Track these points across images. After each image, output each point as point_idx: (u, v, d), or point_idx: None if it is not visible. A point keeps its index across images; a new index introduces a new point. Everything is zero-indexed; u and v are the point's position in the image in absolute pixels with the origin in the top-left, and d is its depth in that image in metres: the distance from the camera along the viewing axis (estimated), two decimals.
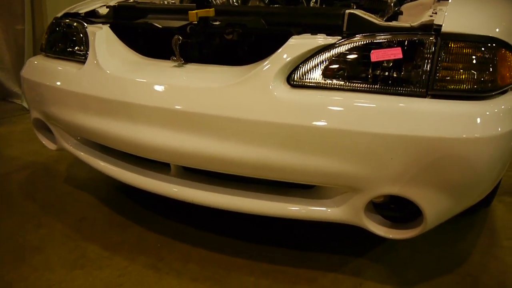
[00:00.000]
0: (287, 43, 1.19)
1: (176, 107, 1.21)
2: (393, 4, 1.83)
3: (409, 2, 2.07)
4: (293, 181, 1.20)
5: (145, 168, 1.46)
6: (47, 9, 3.32)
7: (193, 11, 1.34)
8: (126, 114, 1.31)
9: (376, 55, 1.13)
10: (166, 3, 1.98)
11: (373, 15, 1.31)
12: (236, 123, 1.15)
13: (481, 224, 1.73)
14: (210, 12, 1.37)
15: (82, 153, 1.63)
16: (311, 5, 1.90)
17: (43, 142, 1.82)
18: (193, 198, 1.34)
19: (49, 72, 1.60)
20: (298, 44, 1.18)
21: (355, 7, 1.99)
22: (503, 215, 1.82)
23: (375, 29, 1.22)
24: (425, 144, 1.06)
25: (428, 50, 1.12)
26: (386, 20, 1.84)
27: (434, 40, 1.12)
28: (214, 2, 1.79)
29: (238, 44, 1.43)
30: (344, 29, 1.28)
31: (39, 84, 1.59)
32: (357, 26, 1.26)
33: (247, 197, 1.29)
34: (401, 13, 1.76)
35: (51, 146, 1.80)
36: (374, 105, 1.10)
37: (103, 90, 1.36)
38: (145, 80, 1.30)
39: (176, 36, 1.33)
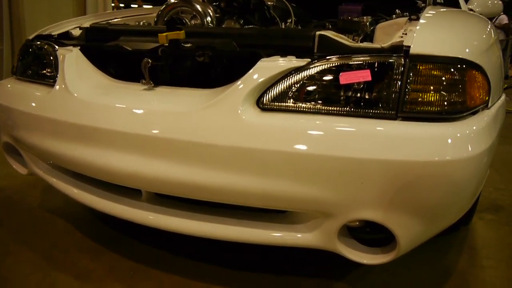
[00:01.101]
0: (256, 65, 1.17)
1: (145, 132, 1.18)
2: (369, 24, 1.84)
3: (384, 21, 2.10)
4: (264, 207, 1.17)
5: (116, 193, 1.41)
6: (26, 30, 3.29)
7: (163, 34, 1.32)
8: (94, 140, 1.27)
9: (345, 78, 1.12)
10: (140, 25, 1.96)
11: (344, 37, 1.31)
12: (205, 148, 1.12)
13: (461, 243, 1.71)
14: (180, 34, 1.35)
15: (53, 179, 1.58)
16: (286, 25, 1.91)
17: (14, 166, 1.77)
18: (166, 225, 1.30)
19: (18, 96, 1.56)
20: (267, 67, 1.16)
21: (330, 27, 2.01)
22: (484, 233, 1.80)
23: (345, 50, 1.21)
24: (396, 167, 1.04)
25: (397, 72, 1.11)
26: (361, 40, 1.85)
27: (402, 62, 1.11)
28: (187, 23, 1.77)
29: (208, 67, 1.41)
30: (315, 50, 1.28)
31: (8, 107, 1.55)
32: (328, 47, 1.25)
33: (218, 222, 1.25)
34: (374, 33, 1.77)
35: (22, 170, 1.75)
36: (344, 128, 1.08)
37: (70, 115, 1.32)
38: (113, 105, 1.27)
39: (145, 59, 1.31)
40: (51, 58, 1.55)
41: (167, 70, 1.39)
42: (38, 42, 1.66)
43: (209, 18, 1.78)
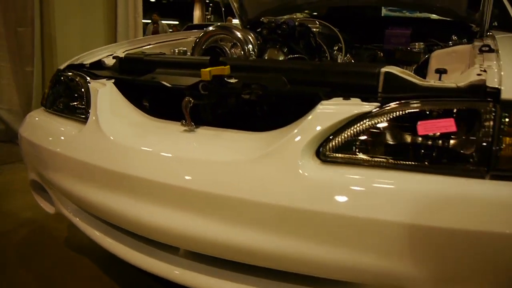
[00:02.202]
0: (316, 110, 1.01)
1: (186, 184, 1.04)
2: (422, 52, 1.67)
3: (439, 48, 1.92)
4: (326, 277, 1.00)
5: (151, 245, 1.27)
6: (57, 51, 3.25)
7: (206, 70, 1.18)
8: (128, 188, 1.13)
9: (424, 128, 0.95)
10: (176, 52, 1.85)
11: (410, 73, 1.14)
12: (257, 207, 0.96)
13: None
14: (225, 70, 1.21)
15: (82, 223, 1.45)
16: (334, 53, 1.75)
17: (41, 205, 1.65)
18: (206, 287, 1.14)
19: (47, 132, 1.45)
20: (329, 112, 1.01)
21: (381, 54, 1.84)
22: None
23: (415, 90, 1.05)
24: (487, 240, 0.85)
25: (486, 121, 0.93)
26: (414, 71, 1.68)
27: (493, 109, 0.93)
28: (228, 52, 1.64)
29: (256, 106, 1.26)
30: (380, 90, 1.12)
31: (35, 144, 1.44)
32: (395, 87, 1.09)
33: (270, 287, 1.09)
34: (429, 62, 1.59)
35: (49, 209, 1.63)
36: (423, 189, 0.90)
37: (102, 159, 1.19)
38: (150, 150, 1.14)
39: (186, 99, 1.17)
40: (83, 91, 1.44)
41: (209, 109, 1.24)
42: (70, 73, 1.56)
43: (250, 46, 1.65)
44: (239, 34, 1.66)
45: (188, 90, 1.20)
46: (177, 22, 20.73)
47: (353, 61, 1.70)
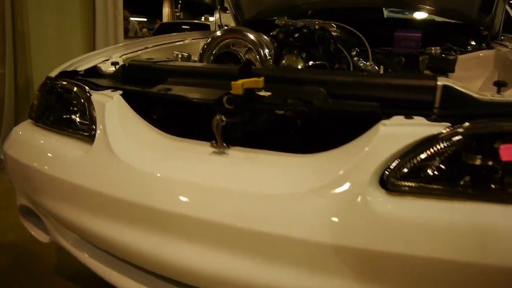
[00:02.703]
0: (378, 132, 0.88)
1: (228, 220, 0.88)
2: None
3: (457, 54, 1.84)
4: None
5: (171, 283, 1.10)
6: (31, 52, 2.97)
7: (238, 82, 1.02)
8: (151, 223, 0.96)
9: (507, 153, 0.83)
10: (180, 57, 1.67)
11: (467, 86, 1.03)
12: (320, 250, 0.82)
13: None
14: (259, 82, 1.06)
15: (85, 255, 1.26)
16: (356, 61, 1.62)
17: (33, 233, 1.44)
18: None
19: (41, 151, 1.25)
20: (395, 135, 0.87)
21: (403, 60, 1.73)
22: None
23: (477, 107, 0.93)
24: None
25: None
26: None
27: None
28: (242, 58, 1.48)
29: (292, 124, 1.12)
30: (436, 105, 1.00)
31: (26, 166, 1.24)
32: (454, 102, 0.97)
33: None
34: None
35: (43, 238, 1.42)
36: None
37: (118, 187, 1.01)
38: (177, 178, 0.97)
39: (218, 117, 1.01)
40: (84, 104, 1.24)
41: (240, 128, 1.09)
42: (64, 82, 1.35)
43: (267, 51, 1.50)
44: (253, 38, 1.51)
45: (218, 106, 1.04)
46: (145, 19, 20.18)
47: (376, 68, 1.58)
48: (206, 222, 0.89)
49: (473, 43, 1.87)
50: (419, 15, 2.36)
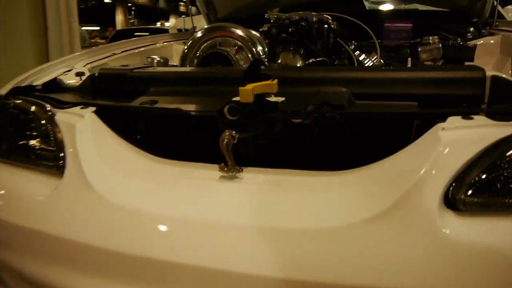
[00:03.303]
0: (439, 139, 0.69)
1: (264, 271, 0.66)
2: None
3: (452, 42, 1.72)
4: None
5: None
6: None
7: (247, 87, 0.81)
8: (148, 280, 0.73)
9: None
10: (156, 62, 1.43)
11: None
12: None
13: None
14: (273, 86, 0.85)
15: None
16: (358, 56, 1.45)
17: None
18: None
19: None
20: (460, 141, 0.69)
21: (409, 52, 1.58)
22: None
23: None
24: None
25: None
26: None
27: None
28: (233, 58, 1.27)
29: (314, 133, 0.92)
30: (486, 100, 0.83)
31: None
32: (505, 96, 0.81)
33: None
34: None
35: None
36: None
37: (100, 234, 0.77)
38: (183, 217, 0.74)
39: (227, 133, 0.79)
40: (46, 126, 0.98)
41: (253, 143, 0.87)
42: (18, 101, 1.09)
43: (260, 48, 1.30)
44: (243, 34, 1.30)
45: (223, 118, 0.82)
46: (98, 28, 19.45)
47: (382, 62, 1.41)
48: (235, 276, 0.67)
49: (472, 30, 1.75)
50: (398, 4, 2.25)
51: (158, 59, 1.44)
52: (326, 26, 1.37)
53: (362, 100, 0.88)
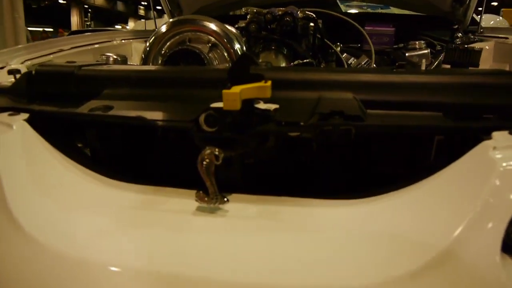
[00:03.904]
0: (494, 164, 0.53)
1: None
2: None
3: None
4: None
5: None
6: None
7: (233, 91, 0.61)
8: None
9: None
10: (112, 60, 1.21)
11: None
12: None
13: None
14: (266, 90, 0.65)
15: None
16: (347, 58, 1.29)
17: None
18: None
19: None
20: None
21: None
22: None
23: None
24: None
25: None
26: None
27: None
28: (206, 57, 1.07)
29: (312, 149, 0.74)
30: None
31: None
32: None
33: None
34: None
35: None
36: None
37: None
38: (145, 269, 0.53)
39: (208, 151, 0.59)
40: None
41: (239, 164, 0.68)
42: None
43: (238, 46, 1.11)
44: (217, 29, 1.10)
45: (202, 134, 0.62)
46: (51, 29, 18.54)
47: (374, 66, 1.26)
48: None
49: (460, 35, 1.65)
50: (376, 8, 2.14)
51: (115, 57, 1.21)
52: (312, 24, 1.20)
53: (371, 109, 0.71)
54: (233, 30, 1.15)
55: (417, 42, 1.58)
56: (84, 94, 0.80)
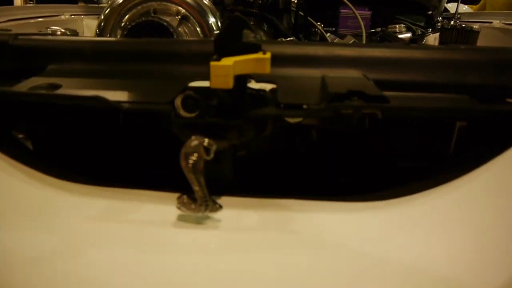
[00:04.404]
0: None
1: None
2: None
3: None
4: None
5: None
6: None
7: (224, 63, 0.47)
8: None
9: None
10: (59, 33, 1.01)
11: None
12: None
13: None
14: (264, 63, 0.51)
15: None
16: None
17: None
18: None
19: None
20: None
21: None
22: None
23: None
24: None
25: None
26: None
27: None
28: (175, 31, 0.91)
29: (312, 139, 0.61)
30: None
31: None
32: None
33: None
34: None
35: None
36: None
37: None
38: None
39: (195, 141, 0.45)
40: None
41: (230, 157, 0.53)
42: None
43: (213, 20, 0.95)
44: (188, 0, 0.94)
45: (184, 120, 0.48)
46: None
47: None
48: None
49: (443, 20, 1.59)
50: None
51: (63, 31, 1.02)
52: None
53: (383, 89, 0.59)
54: (206, 1, 0.99)
55: (397, 26, 1.50)
56: (21, 70, 0.62)
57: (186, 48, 0.63)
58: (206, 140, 0.44)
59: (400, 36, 1.38)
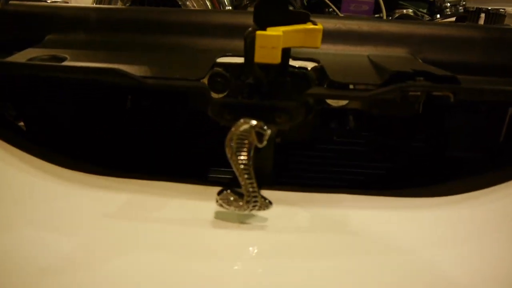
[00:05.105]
0: None
1: None
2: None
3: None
4: None
5: None
6: None
7: (273, 33, 0.40)
8: None
9: None
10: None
11: None
12: None
13: None
14: (316, 36, 0.44)
15: None
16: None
17: None
18: None
19: None
20: None
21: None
22: None
23: None
24: None
25: None
26: None
27: None
28: (185, 5, 0.82)
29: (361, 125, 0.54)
30: None
31: None
32: None
33: None
34: None
35: None
36: None
37: None
38: None
39: (244, 126, 0.37)
40: None
41: (273, 144, 0.46)
42: None
43: None
44: None
45: (222, 100, 0.40)
46: None
47: None
48: None
49: (449, 5, 1.54)
50: None
51: (58, 1, 0.91)
52: None
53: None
54: None
55: (404, 11, 1.43)
56: (14, 41, 0.53)
57: (214, 18, 0.54)
58: (260, 124, 0.37)
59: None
